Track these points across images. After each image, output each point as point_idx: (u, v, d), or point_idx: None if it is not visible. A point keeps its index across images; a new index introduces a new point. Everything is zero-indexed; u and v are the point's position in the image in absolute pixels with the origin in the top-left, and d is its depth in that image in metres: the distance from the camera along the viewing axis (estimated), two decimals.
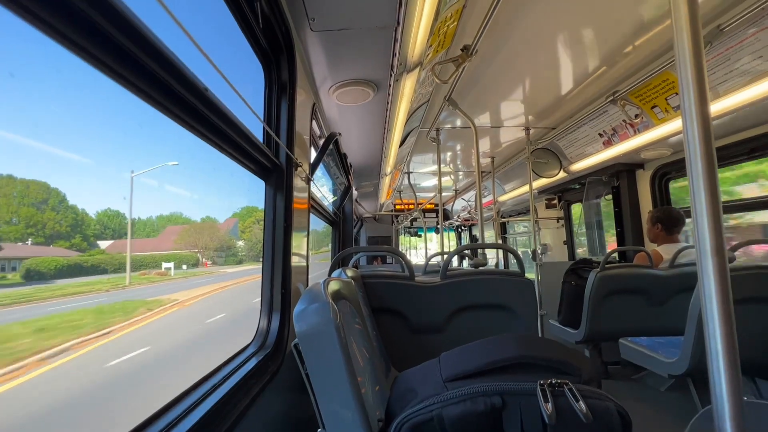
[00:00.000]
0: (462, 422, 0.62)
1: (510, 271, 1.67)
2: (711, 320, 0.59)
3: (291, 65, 1.39)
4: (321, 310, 0.71)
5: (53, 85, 2.82)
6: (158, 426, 0.69)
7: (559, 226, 4.39)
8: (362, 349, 0.96)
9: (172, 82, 0.66)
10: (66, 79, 2.78)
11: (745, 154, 2.36)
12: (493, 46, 1.80)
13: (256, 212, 4.01)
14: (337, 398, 0.70)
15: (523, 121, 2.85)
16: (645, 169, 3.11)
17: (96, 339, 3.78)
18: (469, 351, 0.76)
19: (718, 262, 0.59)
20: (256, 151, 1.09)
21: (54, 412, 2.89)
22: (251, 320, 1.26)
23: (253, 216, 4.01)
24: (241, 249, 8.51)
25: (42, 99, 2.52)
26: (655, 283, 2.26)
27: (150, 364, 4.05)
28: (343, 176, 3.14)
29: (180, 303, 6.61)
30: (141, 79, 0.61)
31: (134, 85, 0.61)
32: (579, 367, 0.66)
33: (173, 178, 11.75)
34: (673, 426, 1.83)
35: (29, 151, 1.70)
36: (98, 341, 3.89)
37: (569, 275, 2.65)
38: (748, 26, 1.55)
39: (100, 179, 3.57)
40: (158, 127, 6.71)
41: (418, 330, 1.60)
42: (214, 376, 0.96)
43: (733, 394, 0.57)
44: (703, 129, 0.61)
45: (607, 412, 0.60)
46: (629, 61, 1.97)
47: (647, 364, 1.94)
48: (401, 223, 7.45)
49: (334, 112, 2.17)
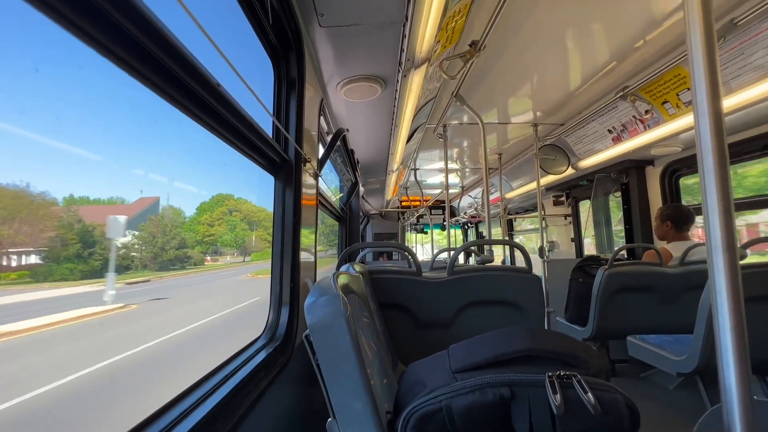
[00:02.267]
0: (470, 413, 0.62)
1: (517, 267, 1.67)
2: (721, 317, 0.59)
3: (300, 61, 1.40)
4: (332, 301, 0.72)
5: (70, 81, 2.77)
6: (169, 417, 0.69)
7: (567, 223, 4.36)
8: (370, 343, 0.97)
9: (186, 77, 0.67)
10: (84, 76, 2.70)
11: (758, 150, 2.33)
12: (501, 42, 1.79)
13: (229, 201, 3.65)
14: (347, 389, 0.71)
15: (531, 117, 2.83)
16: (655, 165, 3.08)
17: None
18: (478, 343, 0.77)
19: (729, 259, 0.59)
20: (266, 146, 1.10)
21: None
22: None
23: (224, 205, 3.50)
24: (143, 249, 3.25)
25: (60, 94, 2.47)
26: (665, 280, 2.24)
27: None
28: (350, 172, 3.15)
29: None
30: (156, 74, 0.62)
31: (149, 80, 0.62)
32: (587, 360, 0.67)
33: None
34: (682, 424, 1.82)
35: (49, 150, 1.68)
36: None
37: (577, 272, 2.63)
38: (763, 20, 1.53)
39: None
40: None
41: (425, 325, 1.61)
42: (225, 368, 0.98)
43: (742, 392, 0.57)
44: (715, 125, 0.60)
45: (616, 404, 0.60)
46: (640, 56, 1.95)
47: (655, 362, 1.93)
48: (407, 219, 7.45)
49: (342, 109, 2.17)
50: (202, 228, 3.74)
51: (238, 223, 3.91)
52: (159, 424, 0.66)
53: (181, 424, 0.68)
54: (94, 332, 1.81)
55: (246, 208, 4.16)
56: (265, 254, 3.21)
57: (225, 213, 3.86)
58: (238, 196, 4.23)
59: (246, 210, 4.13)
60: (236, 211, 3.95)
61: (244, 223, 3.99)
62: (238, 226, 3.91)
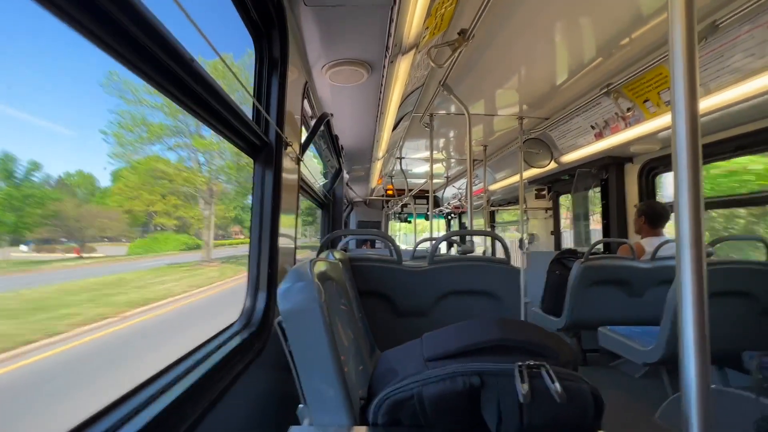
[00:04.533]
0: (441, 400, 0.63)
1: (497, 258, 1.69)
2: (686, 308, 0.61)
3: (283, 41, 1.36)
4: (306, 288, 0.71)
5: (31, 50, 2.50)
6: (134, 402, 0.66)
7: (547, 216, 4.45)
8: (347, 330, 0.97)
9: (156, 50, 0.63)
10: (42, 45, 2.43)
11: (730, 152, 2.41)
12: (490, 32, 1.78)
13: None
14: (319, 375, 0.71)
15: (516, 110, 2.84)
16: (634, 162, 3.15)
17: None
18: (451, 332, 0.78)
19: (695, 254, 0.61)
20: (245, 127, 1.07)
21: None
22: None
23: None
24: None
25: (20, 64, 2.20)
26: (636, 274, 2.32)
27: None
28: (335, 158, 3.11)
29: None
30: (124, 46, 0.59)
31: (117, 51, 0.59)
32: (557, 350, 0.68)
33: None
34: (645, 411, 1.91)
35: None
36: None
37: (554, 265, 2.70)
38: (744, 23, 1.56)
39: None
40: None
41: (404, 314, 1.62)
42: (198, 352, 0.96)
43: (701, 380, 0.59)
44: (691, 124, 0.61)
45: (581, 394, 0.62)
46: (625, 54, 1.97)
47: (624, 352, 2.01)
48: (391, 208, 7.46)
49: (327, 93, 2.13)
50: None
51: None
52: (123, 409, 0.64)
53: (150, 406, 0.67)
54: None
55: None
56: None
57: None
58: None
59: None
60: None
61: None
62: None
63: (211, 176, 3.40)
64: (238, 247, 3.93)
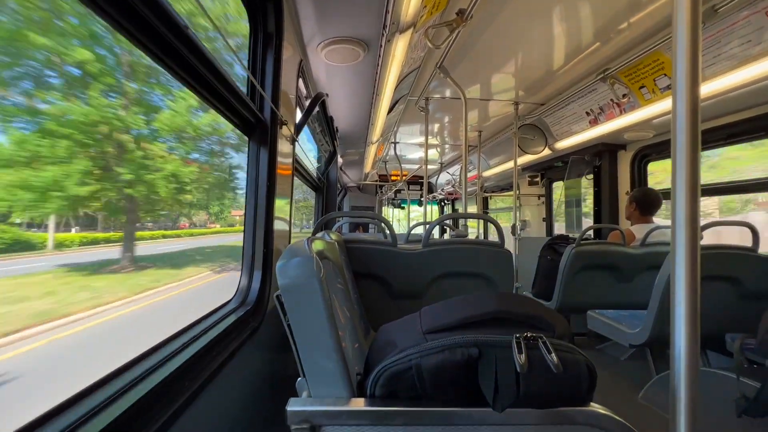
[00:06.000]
0: (439, 371, 0.64)
1: (490, 241, 1.71)
2: (678, 289, 0.62)
3: (278, 16, 1.32)
4: (304, 263, 0.71)
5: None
6: (128, 376, 0.66)
7: (540, 203, 4.48)
8: (343, 309, 0.98)
9: (149, 14, 0.61)
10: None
11: (722, 140, 2.43)
12: (488, 13, 1.75)
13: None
14: (318, 349, 0.71)
15: (512, 95, 2.82)
16: (627, 149, 3.18)
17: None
18: (450, 306, 0.79)
19: (690, 235, 0.62)
20: (239, 103, 1.04)
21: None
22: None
23: None
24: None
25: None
26: (626, 260, 2.36)
27: None
28: (329, 141, 3.07)
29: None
30: (114, 6, 0.56)
31: (107, 12, 0.56)
32: (553, 323, 0.70)
33: None
34: (630, 390, 1.98)
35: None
36: None
37: (546, 250, 2.73)
38: (742, 8, 1.56)
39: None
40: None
41: (399, 295, 1.63)
42: (191, 330, 0.96)
43: (690, 358, 0.61)
44: (691, 105, 0.62)
45: (577, 365, 0.64)
46: (622, 39, 1.96)
47: (611, 335, 2.06)
48: (385, 194, 7.45)
49: (322, 72, 2.09)
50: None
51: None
52: (116, 384, 0.64)
53: (145, 381, 0.67)
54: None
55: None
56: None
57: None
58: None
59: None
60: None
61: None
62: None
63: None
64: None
